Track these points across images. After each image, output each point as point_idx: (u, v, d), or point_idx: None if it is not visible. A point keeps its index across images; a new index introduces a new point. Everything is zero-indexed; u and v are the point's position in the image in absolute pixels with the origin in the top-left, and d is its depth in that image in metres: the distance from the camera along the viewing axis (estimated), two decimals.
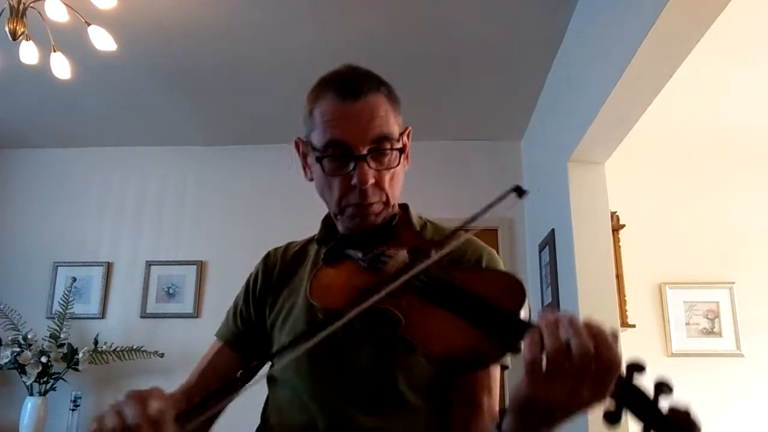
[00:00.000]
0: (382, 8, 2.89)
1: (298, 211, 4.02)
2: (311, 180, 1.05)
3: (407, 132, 1.04)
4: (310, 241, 1.16)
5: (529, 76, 3.44)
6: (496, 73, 3.43)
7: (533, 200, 3.96)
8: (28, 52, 2.66)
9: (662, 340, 3.85)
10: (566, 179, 3.05)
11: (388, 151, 0.96)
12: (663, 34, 2.04)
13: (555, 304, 3.24)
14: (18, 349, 3.66)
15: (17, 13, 2.41)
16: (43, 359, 3.64)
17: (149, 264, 4.10)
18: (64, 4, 2.46)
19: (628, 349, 3.34)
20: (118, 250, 4.19)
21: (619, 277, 3.55)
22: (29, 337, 3.72)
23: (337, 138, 0.94)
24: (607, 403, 0.65)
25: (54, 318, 3.89)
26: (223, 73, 3.46)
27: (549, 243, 3.36)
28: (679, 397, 0.66)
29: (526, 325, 0.71)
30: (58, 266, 4.18)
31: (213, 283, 4.08)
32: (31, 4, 2.48)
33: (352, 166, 0.94)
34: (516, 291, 0.79)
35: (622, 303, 3.51)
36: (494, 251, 1.08)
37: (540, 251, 3.64)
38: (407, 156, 1.03)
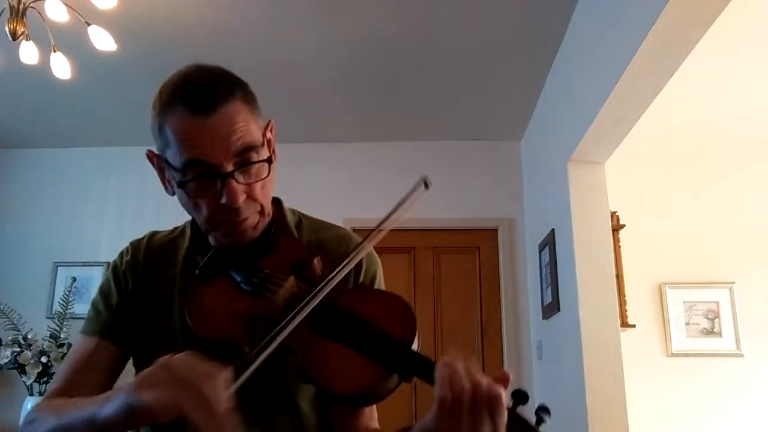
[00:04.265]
0: (383, 9, 2.89)
1: (298, 209, 4.02)
2: (173, 195, 0.95)
3: (270, 126, 0.95)
4: (178, 234, 1.07)
5: (529, 76, 3.44)
6: (496, 73, 3.43)
7: (533, 200, 3.97)
8: (28, 52, 2.66)
9: (662, 340, 3.85)
10: (566, 179, 3.05)
11: (256, 163, 0.88)
12: (663, 34, 2.04)
13: (555, 304, 3.24)
14: (18, 349, 3.66)
15: (17, 13, 2.41)
16: (43, 359, 3.64)
17: None
18: (64, 4, 2.46)
19: (628, 349, 3.33)
20: (118, 250, 4.17)
21: (619, 277, 3.55)
22: (29, 337, 3.72)
23: (197, 157, 0.84)
24: None
25: (54, 318, 3.89)
26: None
27: (549, 243, 3.36)
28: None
29: (429, 362, 0.72)
30: (58, 266, 4.18)
31: None
32: (31, 4, 2.48)
33: (218, 184, 0.86)
34: (408, 318, 0.78)
35: (622, 303, 3.51)
36: (372, 250, 1.00)
37: (540, 251, 3.64)
38: (275, 156, 0.94)
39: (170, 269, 1.01)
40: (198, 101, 0.85)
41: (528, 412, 0.72)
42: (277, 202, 1.04)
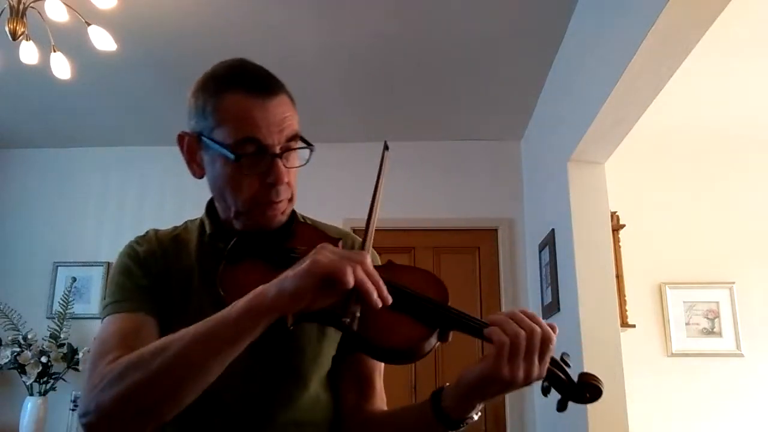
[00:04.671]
0: (383, 9, 2.89)
1: (298, 209, 4.03)
2: (201, 177, 1.00)
3: None
4: (180, 232, 1.08)
5: (529, 76, 3.44)
6: (496, 73, 3.43)
7: (533, 200, 3.96)
8: (28, 52, 2.66)
9: (662, 340, 3.85)
10: (566, 179, 3.05)
11: (297, 150, 0.97)
12: (663, 34, 2.04)
13: (555, 304, 3.24)
14: (18, 349, 3.66)
15: (17, 13, 2.41)
16: (43, 359, 3.65)
17: None
18: (64, 4, 2.46)
19: (628, 349, 3.32)
20: (118, 250, 4.14)
21: (619, 277, 3.55)
22: (29, 337, 3.72)
23: (253, 136, 0.90)
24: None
25: (54, 318, 3.90)
26: None
27: (549, 243, 3.36)
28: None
29: (467, 316, 0.84)
30: (58, 266, 4.19)
31: None
32: (31, 4, 2.48)
33: (266, 164, 0.92)
34: (440, 286, 0.89)
35: (622, 303, 3.51)
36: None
37: (540, 251, 3.64)
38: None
39: (185, 260, 1.02)
40: (260, 84, 0.93)
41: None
42: None
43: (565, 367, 0.83)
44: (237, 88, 0.92)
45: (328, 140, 4.14)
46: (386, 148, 0.97)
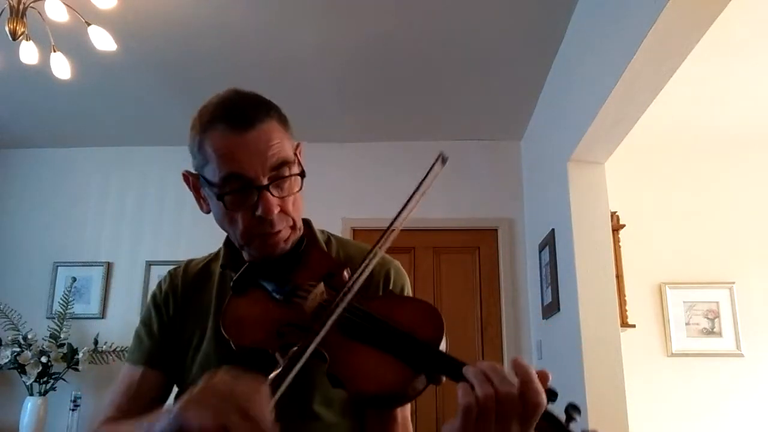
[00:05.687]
0: (383, 10, 2.89)
1: None
2: (208, 212, 1.01)
3: (299, 149, 1.01)
4: (212, 259, 1.12)
5: (529, 76, 3.44)
6: (496, 73, 3.43)
7: (533, 200, 3.96)
8: (28, 52, 2.66)
9: (662, 340, 3.85)
10: (566, 179, 3.05)
11: (289, 177, 0.94)
12: (663, 34, 2.04)
13: (555, 304, 3.24)
14: (18, 349, 3.66)
15: (17, 13, 2.41)
16: (43, 359, 3.65)
17: (149, 264, 4.10)
18: (64, 4, 2.46)
19: (628, 349, 3.32)
20: (118, 250, 4.19)
21: (619, 277, 3.55)
22: (29, 337, 3.72)
23: (236, 171, 0.90)
24: None
25: (54, 318, 3.90)
26: (224, 73, 3.46)
27: (549, 243, 3.37)
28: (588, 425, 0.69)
29: (457, 363, 0.73)
30: (58, 266, 4.19)
31: None
32: (31, 4, 2.48)
33: (254, 197, 0.91)
34: (436, 321, 0.80)
35: (622, 303, 3.51)
36: (399, 264, 1.08)
37: (540, 251, 3.64)
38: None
39: (207, 292, 1.05)
40: (238, 118, 0.91)
41: (557, 410, 0.71)
42: (307, 222, 1.08)
43: (565, 424, 0.68)
44: (217, 124, 0.91)
45: (328, 140, 4.14)
46: (443, 161, 0.93)
